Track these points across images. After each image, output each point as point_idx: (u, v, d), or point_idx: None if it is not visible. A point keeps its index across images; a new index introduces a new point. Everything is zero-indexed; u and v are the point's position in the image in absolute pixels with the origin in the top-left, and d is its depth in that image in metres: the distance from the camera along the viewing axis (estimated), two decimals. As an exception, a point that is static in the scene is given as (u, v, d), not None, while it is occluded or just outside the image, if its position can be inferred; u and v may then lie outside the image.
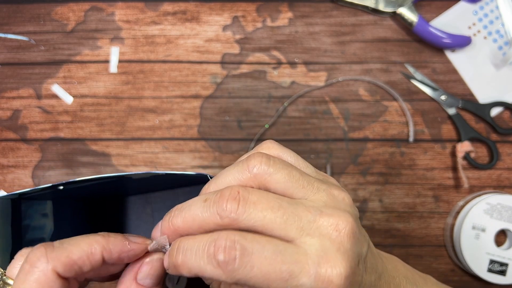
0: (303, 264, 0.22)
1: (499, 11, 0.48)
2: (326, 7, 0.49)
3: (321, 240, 0.23)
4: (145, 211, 0.45)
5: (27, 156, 0.48)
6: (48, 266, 0.23)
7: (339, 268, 0.22)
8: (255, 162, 0.25)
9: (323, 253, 0.23)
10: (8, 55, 0.49)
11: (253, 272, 0.22)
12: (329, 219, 0.23)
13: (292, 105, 0.48)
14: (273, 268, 0.22)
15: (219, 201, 0.23)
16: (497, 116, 0.48)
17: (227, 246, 0.22)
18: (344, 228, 0.23)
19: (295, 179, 0.25)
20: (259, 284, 0.22)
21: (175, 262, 0.24)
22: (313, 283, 0.22)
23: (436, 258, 0.48)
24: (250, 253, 0.22)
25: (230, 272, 0.22)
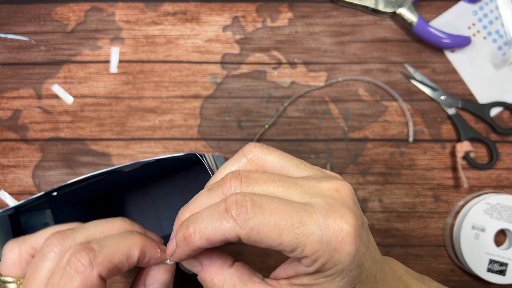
0: (312, 214, 0.23)
1: (498, 11, 0.49)
2: (326, 7, 0.49)
3: (324, 198, 0.24)
4: (146, 202, 0.45)
5: (28, 156, 0.48)
6: (93, 272, 0.23)
7: (348, 218, 0.23)
8: (249, 148, 0.27)
9: (329, 206, 0.23)
10: (8, 55, 0.49)
11: (265, 219, 0.22)
12: (328, 183, 0.25)
13: (292, 105, 0.48)
14: (283, 217, 0.22)
15: (223, 183, 0.24)
16: (497, 116, 0.48)
17: (238, 200, 0.23)
18: (344, 189, 0.24)
19: (288, 158, 0.26)
20: (271, 234, 0.22)
21: (186, 233, 0.24)
22: (323, 231, 0.22)
23: (436, 258, 0.48)
24: (260, 204, 0.23)
25: (243, 221, 0.22)
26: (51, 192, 0.31)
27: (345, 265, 0.23)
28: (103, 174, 0.31)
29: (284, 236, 0.22)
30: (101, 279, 0.24)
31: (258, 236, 0.23)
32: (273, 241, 0.23)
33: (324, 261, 0.23)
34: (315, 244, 0.22)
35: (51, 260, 0.25)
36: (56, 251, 0.25)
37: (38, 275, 0.25)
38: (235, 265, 0.26)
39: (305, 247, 0.22)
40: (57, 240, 0.25)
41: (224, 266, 0.26)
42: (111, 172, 0.31)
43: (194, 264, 0.26)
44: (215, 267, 0.26)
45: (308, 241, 0.22)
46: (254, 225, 0.22)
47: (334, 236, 0.22)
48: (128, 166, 0.31)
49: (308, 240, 0.22)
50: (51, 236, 0.25)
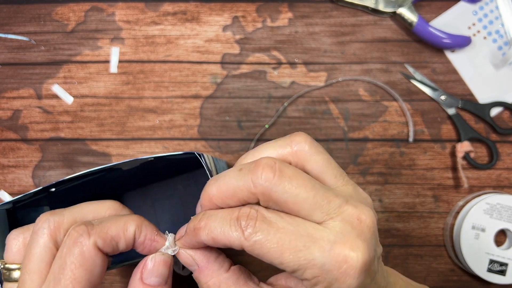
0: (319, 240, 0.22)
1: (499, 11, 0.48)
2: (326, 7, 0.49)
3: (343, 224, 0.23)
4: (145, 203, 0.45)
5: (28, 156, 0.48)
6: (90, 241, 0.24)
7: (358, 252, 0.22)
8: (299, 139, 0.26)
9: (343, 235, 0.23)
10: (8, 55, 0.49)
11: (269, 237, 0.22)
12: (354, 208, 0.24)
13: (292, 105, 0.48)
14: (288, 238, 0.22)
15: (255, 169, 0.24)
16: (497, 116, 0.48)
17: (250, 213, 0.23)
18: (366, 220, 0.24)
19: (331, 166, 0.26)
20: (273, 252, 0.22)
21: (197, 225, 0.25)
22: (327, 259, 0.22)
23: (436, 258, 0.48)
24: (269, 221, 0.23)
25: (249, 234, 0.23)
26: (49, 187, 0.31)
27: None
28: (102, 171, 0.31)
29: (285, 256, 0.22)
30: (98, 249, 0.25)
31: (260, 251, 0.23)
32: (274, 259, 0.23)
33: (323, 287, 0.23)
34: (316, 270, 0.22)
35: (42, 236, 0.26)
36: (45, 226, 0.26)
37: (33, 252, 0.25)
38: (232, 269, 0.26)
39: (306, 270, 0.22)
40: (46, 217, 0.26)
41: (220, 269, 0.26)
42: (110, 169, 0.31)
43: (191, 263, 0.26)
44: (211, 270, 0.26)
45: (309, 265, 0.22)
46: (258, 239, 0.23)
47: (337, 266, 0.22)
48: (127, 164, 0.31)
49: (309, 264, 0.22)
50: (40, 215, 0.27)
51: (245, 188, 0.24)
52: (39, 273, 0.25)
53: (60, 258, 0.25)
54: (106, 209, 0.28)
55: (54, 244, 0.26)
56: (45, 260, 0.25)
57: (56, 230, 0.26)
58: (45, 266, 0.25)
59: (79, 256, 0.24)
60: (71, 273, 0.24)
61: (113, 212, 0.28)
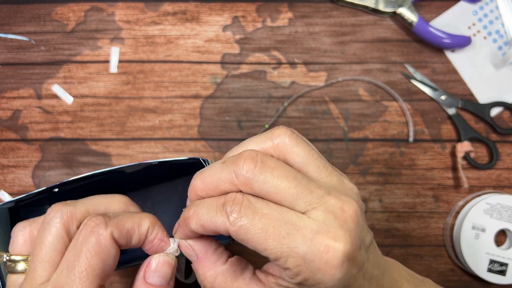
0: (302, 229, 0.23)
1: (499, 11, 0.48)
2: (326, 7, 0.49)
3: (325, 214, 0.23)
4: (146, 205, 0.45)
5: (28, 156, 0.48)
6: (107, 231, 0.25)
7: (340, 242, 0.23)
8: (279, 132, 0.26)
9: (325, 225, 0.23)
10: (8, 55, 0.49)
11: (254, 223, 0.23)
12: (336, 199, 0.24)
13: (292, 105, 0.48)
14: (272, 224, 0.23)
15: (237, 160, 0.24)
16: (497, 116, 0.48)
17: (235, 198, 0.23)
18: (349, 210, 0.24)
19: (313, 157, 0.26)
20: (257, 237, 0.23)
21: (186, 215, 0.25)
22: (309, 248, 0.22)
23: (436, 258, 0.48)
24: (254, 207, 0.23)
25: (234, 219, 0.23)
26: (53, 188, 0.31)
27: (328, 285, 0.23)
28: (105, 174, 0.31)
29: (269, 242, 0.23)
30: (114, 240, 0.25)
31: (245, 236, 0.23)
32: (258, 245, 0.23)
33: (306, 277, 0.23)
34: (298, 259, 0.22)
35: (55, 226, 0.26)
36: (58, 216, 0.26)
37: (45, 241, 0.25)
38: (229, 261, 0.27)
39: (288, 258, 0.23)
40: (58, 207, 0.26)
41: (218, 261, 0.26)
42: (113, 172, 0.31)
43: (191, 253, 0.27)
44: (209, 261, 0.26)
45: (291, 253, 0.22)
46: (242, 224, 0.23)
47: (318, 256, 0.22)
48: (130, 167, 0.32)
49: (292, 252, 0.22)
50: (52, 205, 0.27)
51: (228, 179, 0.24)
52: (51, 262, 0.25)
53: (75, 247, 0.25)
54: (117, 202, 0.29)
55: (67, 233, 0.26)
56: (57, 248, 0.25)
57: (69, 220, 0.26)
58: (57, 254, 0.25)
59: (96, 245, 0.24)
60: (86, 260, 0.24)
61: (123, 206, 0.29)
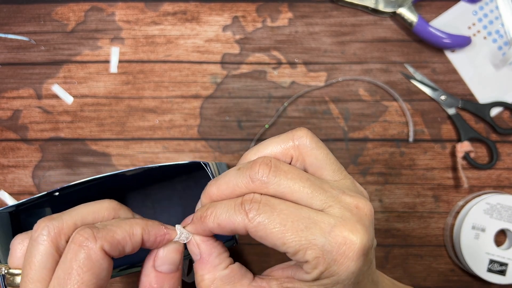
0: (320, 222, 0.23)
1: (499, 11, 0.49)
2: (326, 7, 0.49)
3: (342, 211, 0.24)
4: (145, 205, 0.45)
5: (27, 156, 0.48)
6: (96, 245, 0.24)
7: (357, 235, 0.23)
8: (301, 134, 0.26)
9: (342, 219, 0.24)
10: (8, 55, 0.49)
11: (272, 218, 0.23)
12: (351, 198, 0.25)
13: (292, 105, 0.48)
14: (290, 219, 0.23)
15: (252, 167, 0.25)
16: (497, 116, 0.48)
17: (254, 197, 0.24)
18: (364, 208, 0.25)
19: (330, 161, 0.26)
20: (276, 232, 0.23)
21: (203, 214, 0.25)
22: (327, 239, 0.23)
23: (436, 258, 0.48)
24: (272, 204, 0.24)
25: (253, 216, 0.23)
26: (53, 192, 0.31)
27: (341, 278, 0.23)
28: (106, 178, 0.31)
29: (287, 236, 0.23)
30: (105, 253, 0.24)
31: (264, 232, 0.23)
32: (277, 239, 0.23)
33: (323, 269, 0.23)
34: (316, 251, 0.23)
35: (43, 244, 0.25)
36: (45, 233, 0.25)
37: (34, 260, 0.25)
38: (230, 267, 0.27)
39: (307, 251, 0.23)
40: (44, 223, 0.26)
41: (219, 266, 0.26)
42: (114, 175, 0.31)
43: (196, 251, 0.27)
44: (210, 264, 0.26)
45: (310, 245, 0.23)
46: (261, 220, 0.23)
47: (336, 247, 0.23)
48: (131, 171, 0.32)
49: (310, 244, 0.23)
50: (38, 221, 0.26)
51: (243, 184, 0.25)
52: (42, 281, 0.25)
53: (65, 263, 0.24)
54: (105, 209, 0.28)
55: (56, 250, 0.25)
56: (48, 267, 0.25)
57: (57, 236, 0.25)
58: (48, 273, 0.25)
59: (86, 260, 0.24)
60: (78, 277, 0.23)
61: (112, 212, 0.28)
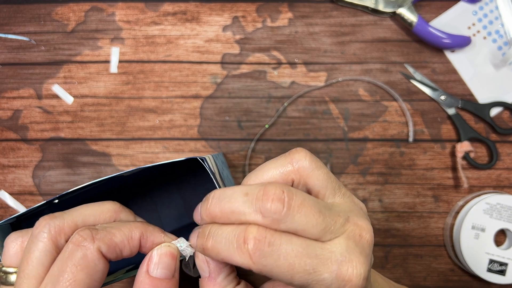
0: (327, 261, 0.23)
1: (498, 11, 0.49)
2: (326, 8, 0.49)
3: (347, 241, 0.24)
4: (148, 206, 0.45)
5: (28, 156, 0.48)
6: (94, 245, 0.24)
7: (359, 269, 0.24)
8: (299, 157, 0.26)
9: (347, 253, 0.24)
10: (8, 55, 0.49)
11: (279, 262, 0.23)
12: (355, 226, 0.25)
13: (292, 105, 0.48)
14: (298, 261, 0.23)
15: (263, 199, 0.23)
16: (497, 116, 0.48)
17: (257, 236, 0.23)
18: (366, 235, 0.25)
19: (331, 179, 0.26)
20: (284, 274, 0.23)
21: (204, 245, 0.25)
22: (334, 279, 0.23)
23: (436, 258, 0.48)
24: (278, 245, 0.23)
25: (257, 259, 0.23)
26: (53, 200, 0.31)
27: None
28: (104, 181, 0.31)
29: (295, 279, 0.23)
30: (102, 255, 0.24)
31: (269, 274, 0.23)
32: (284, 281, 0.23)
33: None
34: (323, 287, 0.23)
35: (42, 241, 0.25)
36: (46, 231, 0.25)
37: (32, 256, 0.25)
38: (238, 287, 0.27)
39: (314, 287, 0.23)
40: (46, 221, 0.26)
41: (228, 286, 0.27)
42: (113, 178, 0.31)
43: (205, 268, 0.27)
44: (219, 284, 0.26)
45: (317, 285, 0.23)
46: (267, 264, 0.23)
47: (343, 284, 0.23)
48: (129, 172, 0.31)
49: (317, 285, 0.23)
50: (40, 219, 0.26)
51: (252, 217, 0.24)
52: (38, 277, 0.24)
53: (60, 261, 0.24)
54: (107, 211, 0.28)
55: (55, 248, 0.25)
56: (45, 264, 0.25)
57: (57, 235, 0.25)
58: (44, 270, 0.25)
59: (81, 260, 0.24)
60: (71, 275, 0.23)
61: (113, 215, 0.28)
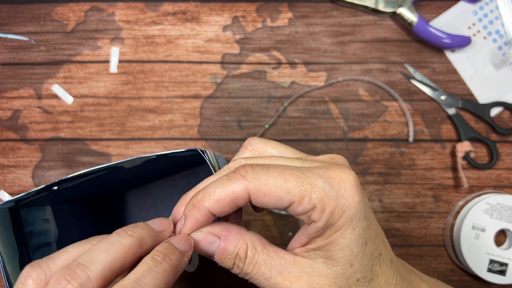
0: (312, 169, 0.24)
1: (498, 11, 0.48)
2: (326, 7, 0.49)
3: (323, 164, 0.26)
4: (147, 202, 0.45)
5: (28, 156, 0.48)
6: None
7: (346, 170, 0.25)
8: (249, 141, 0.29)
9: (329, 166, 0.25)
10: (8, 55, 0.49)
11: (270, 171, 0.24)
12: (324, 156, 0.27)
13: (292, 105, 0.48)
14: (287, 170, 0.24)
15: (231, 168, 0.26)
16: (497, 116, 0.48)
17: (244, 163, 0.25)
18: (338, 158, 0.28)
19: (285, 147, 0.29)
20: (278, 183, 0.24)
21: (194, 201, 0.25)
22: (325, 179, 0.24)
23: (436, 258, 0.48)
24: (263, 163, 0.25)
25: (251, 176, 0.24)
26: (52, 186, 0.31)
27: (352, 211, 0.24)
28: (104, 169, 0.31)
29: (290, 184, 0.23)
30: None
31: (266, 187, 0.24)
32: (281, 190, 0.23)
33: (332, 209, 0.24)
34: (320, 191, 0.24)
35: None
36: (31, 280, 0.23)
37: None
38: (251, 231, 0.27)
39: (312, 195, 0.23)
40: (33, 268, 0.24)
41: (242, 231, 0.26)
42: (112, 168, 0.31)
43: (212, 240, 0.25)
44: (234, 233, 0.26)
45: (313, 188, 0.23)
46: (261, 177, 0.24)
47: (336, 183, 0.24)
48: (129, 162, 0.31)
49: (313, 186, 0.24)
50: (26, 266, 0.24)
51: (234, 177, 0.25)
52: None
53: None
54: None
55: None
56: None
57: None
58: None
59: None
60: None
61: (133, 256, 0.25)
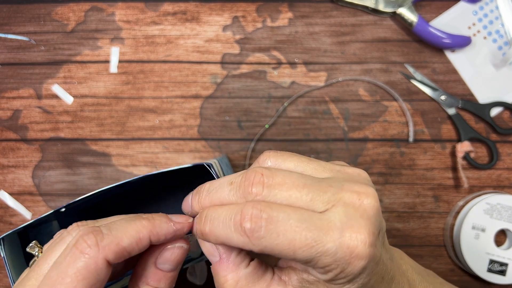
0: (328, 231, 0.22)
1: (499, 11, 0.48)
2: (326, 7, 0.49)
3: (345, 208, 0.23)
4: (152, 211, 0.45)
5: (27, 156, 0.48)
6: (99, 254, 0.23)
7: (362, 235, 0.23)
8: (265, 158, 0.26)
9: (347, 219, 0.23)
10: (8, 55, 0.49)
11: (279, 239, 0.22)
12: (352, 191, 0.24)
13: (292, 105, 0.48)
14: (298, 235, 0.22)
15: (245, 185, 0.24)
16: (497, 116, 0.48)
17: (253, 215, 0.22)
18: (367, 199, 0.24)
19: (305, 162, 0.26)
20: (285, 252, 0.22)
21: (202, 230, 0.25)
22: (338, 248, 0.22)
23: (436, 258, 0.48)
24: (276, 221, 0.22)
25: (256, 240, 0.22)
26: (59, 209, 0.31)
27: (356, 274, 0.23)
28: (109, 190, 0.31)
29: (298, 253, 0.22)
30: (107, 263, 0.23)
31: (272, 252, 0.23)
32: (287, 257, 0.23)
33: (337, 273, 0.23)
34: (328, 260, 0.23)
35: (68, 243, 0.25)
36: (74, 235, 0.25)
37: (52, 255, 0.25)
38: (251, 264, 0.26)
39: (318, 261, 0.23)
40: (78, 226, 0.26)
41: (241, 264, 0.26)
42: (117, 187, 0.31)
43: (214, 252, 0.26)
44: (232, 263, 0.26)
45: (322, 257, 0.22)
46: (267, 244, 0.22)
47: (348, 252, 0.22)
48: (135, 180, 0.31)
49: (322, 256, 0.22)
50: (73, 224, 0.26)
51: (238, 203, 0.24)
52: None
53: (60, 265, 0.23)
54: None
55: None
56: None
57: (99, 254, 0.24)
58: None
59: (84, 270, 0.23)
60: (71, 285, 0.22)
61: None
